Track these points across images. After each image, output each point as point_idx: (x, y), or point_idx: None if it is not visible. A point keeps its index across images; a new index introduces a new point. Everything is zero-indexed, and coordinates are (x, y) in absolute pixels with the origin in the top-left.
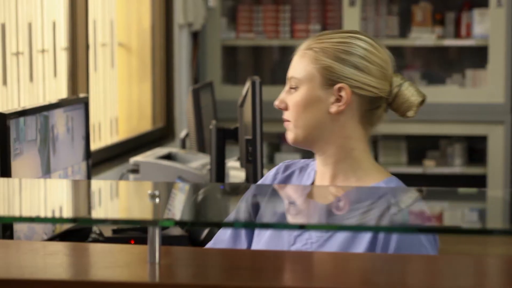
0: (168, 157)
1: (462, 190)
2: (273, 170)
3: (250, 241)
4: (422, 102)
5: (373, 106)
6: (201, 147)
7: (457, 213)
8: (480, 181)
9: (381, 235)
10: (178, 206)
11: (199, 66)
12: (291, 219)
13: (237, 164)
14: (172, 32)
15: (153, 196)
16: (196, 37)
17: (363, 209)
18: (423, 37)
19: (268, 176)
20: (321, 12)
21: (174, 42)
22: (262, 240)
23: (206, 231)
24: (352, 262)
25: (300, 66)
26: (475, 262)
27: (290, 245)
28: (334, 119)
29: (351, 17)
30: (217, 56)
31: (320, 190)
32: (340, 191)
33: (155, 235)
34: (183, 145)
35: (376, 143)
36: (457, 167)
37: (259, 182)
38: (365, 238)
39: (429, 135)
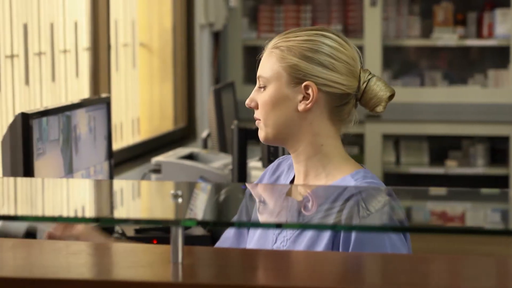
0: (190, 157)
1: (484, 190)
2: (268, 168)
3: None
4: (391, 96)
5: (341, 102)
6: (223, 147)
7: (479, 214)
8: (502, 182)
9: (341, 233)
10: (200, 206)
11: (220, 66)
12: (266, 218)
13: (258, 164)
14: (194, 32)
15: (175, 196)
16: (217, 37)
17: (329, 208)
18: (445, 37)
19: (265, 175)
20: (342, 12)
21: (196, 42)
22: (254, 239)
23: None
24: (368, 263)
25: (267, 65)
26: (497, 263)
27: (273, 244)
28: (302, 116)
29: (372, 17)
30: (238, 56)
31: (293, 189)
32: (310, 190)
33: (178, 235)
34: (205, 145)
35: (398, 144)
36: (479, 168)
37: (257, 180)
38: (326, 236)
39: (451, 135)
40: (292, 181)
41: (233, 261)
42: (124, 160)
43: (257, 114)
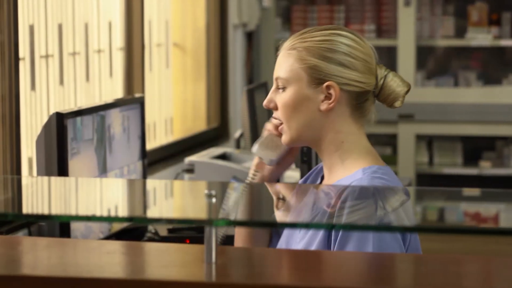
0: (223, 157)
1: None
2: (305, 177)
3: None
4: (407, 91)
5: (361, 100)
6: None
7: None
8: None
9: (335, 233)
10: (232, 206)
11: (253, 66)
12: (283, 218)
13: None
14: (227, 32)
15: (209, 196)
16: (250, 37)
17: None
18: (479, 37)
19: (310, 175)
20: (375, 12)
21: (229, 42)
22: (283, 238)
23: None
24: (400, 263)
25: (285, 66)
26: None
27: (298, 242)
28: (324, 116)
29: (406, 17)
30: (271, 56)
31: (314, 189)
32: (329, 190)
33: (212, 234)
34: (238, 145)
35: (431, 144)
36: None
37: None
38: (320, 233)
39: (485, 136)
40: (322, 178)
41: (266, 261)
42: (157, 160)
43: (277, 115)
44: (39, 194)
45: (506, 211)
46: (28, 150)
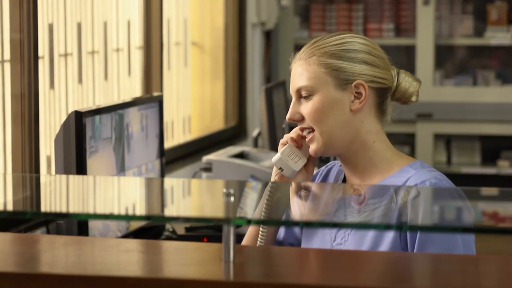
0: (241, 155)
1: None
2: (317, 173)
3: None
4: (419, 86)
5: (383, 97)
6: (274, 146)
7: None
8: None
9: (408, 232)
10: (250, 205)
11: (271, 65)
12: (329, 218)
13: None
14: (245, 31)
15: (228, 195)
16: (269, 36)
17: (384, 205)
18: (498, 36)
19: (314, 180)
20: (394, 11)
21: (247, 41)
22: (310, 238)
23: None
24: (418, 263)
25: (307, 74)
26: None
27: (332, 242)
28: (354, 116)
29: (425, 16)
30: (289, 55)
31: (348, 188)
32: (364, 189)
33: (230, 233)
34: (256, 144)
35: (449, 143)
36: None
37: None
38: (391, 233)
39: (504, 135)
40: (343, 181)
41: (284, 260)
42: (175, 159)
43: (305, 125)
44: (58, 192)
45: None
46: (47, 148)
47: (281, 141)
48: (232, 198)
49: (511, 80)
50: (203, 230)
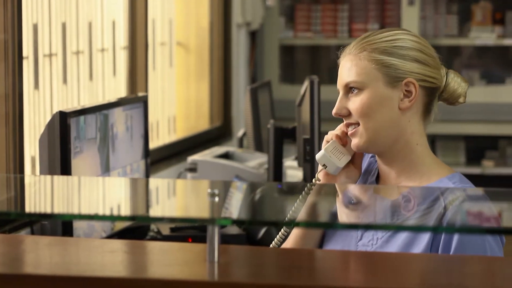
0: (226, 156)
1: None
2: (364, 159)
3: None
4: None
5: (432, 97)
6: (259, 146)
7: None
8: None
9: (442, 235)
10: (235, 205)
11: (256, 65)
12: (352, 218)
13: (294, 163)
14: (230, 31)
15: (212, 195)
16: (254, 36)
17: (424, 209)
18: (483, 36)
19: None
20: (379, 11)
21: (232, 41)
22: (333, 236)
23: (263, 230)
24: (412, 263)
25: (357, 69)
26: None
27: (357, 241)
28: (402, 115)
29: (410, 16)
30: (275, 55)
31: (384, 189)
32: (404, 190)
33: (214, 233)
34: (241, 144)
35: (434, 143)
36: None
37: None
38: (426, 236)
39: (488, 135)
40: (377, 183)
41: (268, 260)
42: (160, 159)
43: (352, 120)
44: (42, 193)
45: (508, 210)
46: (31, 148)
47: (326, 137)
48: (216, 198)
49: (495, 80)
50: (188, 231)
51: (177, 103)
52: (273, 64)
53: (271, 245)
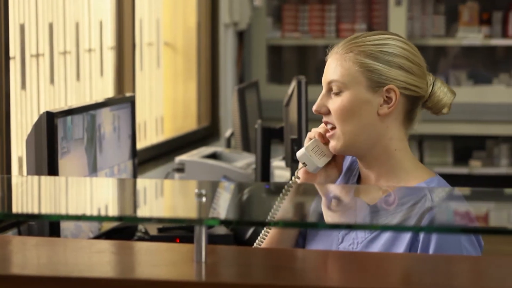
0: (213, 156)
1: (508, 190)
2: (346, 161)
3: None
4: (453, 99)
5: (414, 106)
6: (246, 147)
7: (503, 214)
8: None
9: (421, 236)
10: (223, 205)
11: (244, 65)
12: (336, 219)
13: (282, 163)
14: (218, 31)
15: (199, 195)
16: (241, 36)
17: (405, 209)
18: (470, 36)
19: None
20: (367, 11)
21: (220, 42)
22: (315, 238)
23: (251, 230)
24: (394, 263)
25: (341, 69)
26: None
27: (338, 244)
28: (380, 121)
29: (397, 16)
30: (262, 56)
31: (364, 190)
32: (384, 192)
33: (202, 234)
34: (228, 145)
35: (421, 143)
36: (503, 168)
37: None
38: (406, 238)
39: (475, 135)
40: (358, 183)
41: (256, 260)
42: (147, 159)
43: (330, 120)
44: (29, 193)
45: (495, 210)
46: (18, 149)
47: (308, 135)
48: (204, 199)
49: (482, 80)
50: (175, 231)
51: (165, 103)
52: (260, 64)
53: (255, 244)
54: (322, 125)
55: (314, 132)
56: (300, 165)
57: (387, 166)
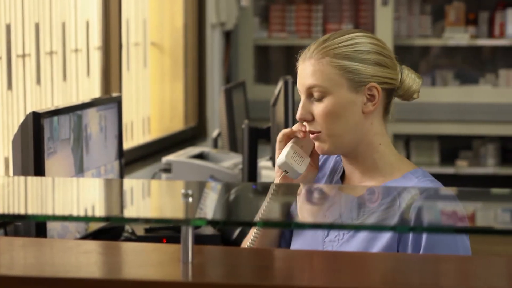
0: (200, 156)
1: (495, 190)
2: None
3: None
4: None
5: (390, 98)
6: (233, 147)
7: (489, 214)
8: None
9: (410, 234)
10: (210, 205)
11: (231, 65)
12: (319, 218)
13: (269, 163)
14: (205, 31)
15: (186, 195)
16: (228, 36)
17: (386, 204)
18: (456, 36)
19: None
20: (353, 11)
21: (207, 42)
22: (302, 232)
23: (238, 231)
24: (381, 262)
25: (321, 74)
26: (508, 263)
27: (325, 237)
28: (365, 118)
29: (384, 16)
30: (249, 56)
31: (348, 189)
32: (367, 189)
33: (188, 234)
34: (215, 145)
35: (408, 143)
36: (490, 168)
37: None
38: (386, 234)
39: (462, 135)
40: (341, 182)
41: (243, 261)
42: (134, 160)
43: (315, 126)
44: (15, 194)
45: (482, 210)
46: (5, 149)
47: (278, 138)
48: (190, 199)
49: (469, 80)
50: (162, 231)
51: (152, 104)
52: (247, 65)
53: (248, 245)
54: (295, 126)
55: (283, 135)
56: (279, 172)
57: (372, 160)
